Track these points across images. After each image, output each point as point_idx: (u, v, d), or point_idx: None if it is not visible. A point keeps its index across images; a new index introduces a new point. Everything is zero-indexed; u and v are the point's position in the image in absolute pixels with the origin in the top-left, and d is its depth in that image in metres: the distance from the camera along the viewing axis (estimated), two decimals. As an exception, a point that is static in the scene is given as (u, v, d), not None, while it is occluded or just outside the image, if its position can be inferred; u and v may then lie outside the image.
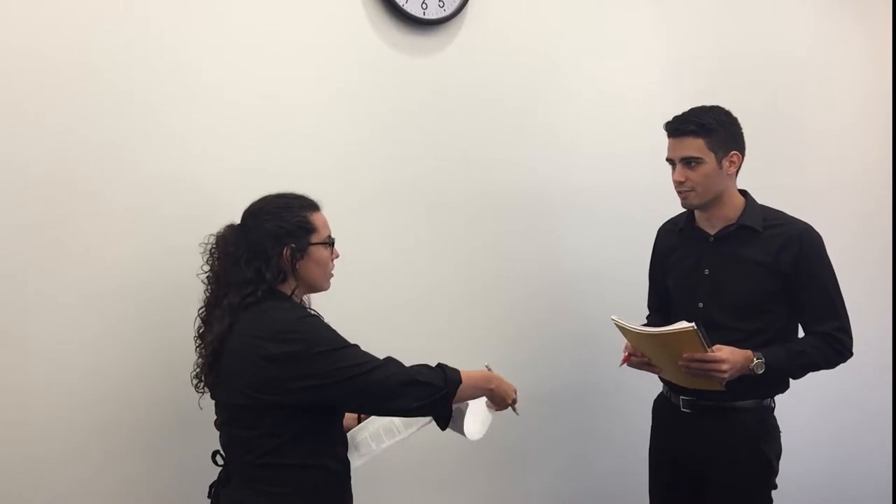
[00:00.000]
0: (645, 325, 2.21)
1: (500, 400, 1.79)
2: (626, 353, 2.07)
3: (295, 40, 2.11)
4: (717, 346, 1.90)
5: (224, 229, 1.70)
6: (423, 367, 1.65)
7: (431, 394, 1.61)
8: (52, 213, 1.82)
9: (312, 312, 1.71)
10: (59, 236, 1.83)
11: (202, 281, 1.71)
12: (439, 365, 1.67)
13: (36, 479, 1.81)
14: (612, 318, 1.98)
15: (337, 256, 1.75)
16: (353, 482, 1.73)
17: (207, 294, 1.70)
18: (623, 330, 1.99)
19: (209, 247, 1.70)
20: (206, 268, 1.70)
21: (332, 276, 1.75)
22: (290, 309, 1.62)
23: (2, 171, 1.77)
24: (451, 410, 1.69)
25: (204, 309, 1.71)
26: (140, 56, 1.91)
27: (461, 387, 1.65)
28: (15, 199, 1.78)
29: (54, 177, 1.82)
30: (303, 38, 2.13)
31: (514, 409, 1.83)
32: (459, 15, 2.31)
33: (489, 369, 1.81)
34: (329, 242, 1.71)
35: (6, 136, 1.77)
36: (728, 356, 1.89)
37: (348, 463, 1.73)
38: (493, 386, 1.76)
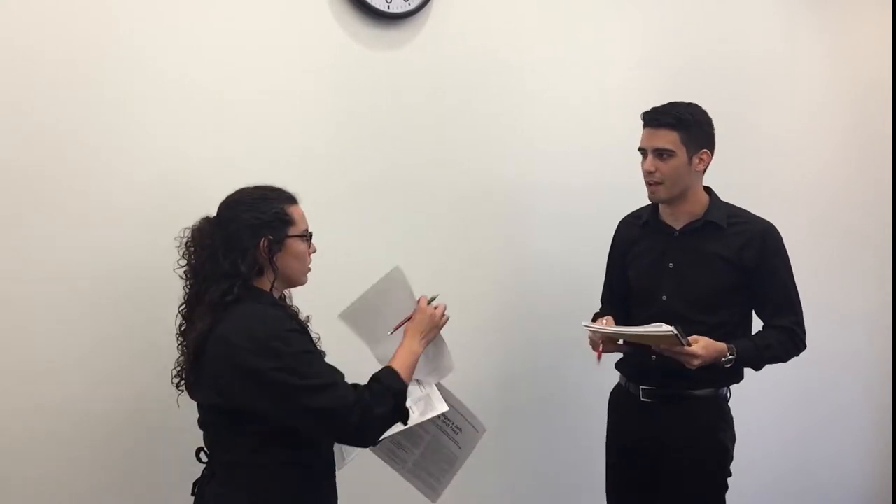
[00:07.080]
0: (594, 321, 2.22)
1: (436, 326, 1.78)
2: (600, 348, 2.05)
3: (255, 37, 2.06)
4: (695, 336, 1.96)
5: (200, 222, 1.65)
6: (377, 389, 1.61)
7: (394, 416, 1.63)
8: (31, 209, 1.81)
9: (294, 311, 1.68)
10: (43, 233, 1.82)
11: (180, 276, 1.65)
12: (376, 381, 1.63)
13: (12, 470, 1.80)
14: (583, 324, 2.02)
15: (314, 251, 1.72)
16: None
17: (187, 290, 1.65)
18: (596, 333, 2.01)
19: (185, 240, 1.65)
20: (183, 262, 1.64)
21: (309, 269, 1.71)
22: (273, 319, 1.56)
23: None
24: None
25: (185, 305, 1.65)
26: (110, 54, 1.88)
27: (406, 374, 1.67)
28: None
29: (31, 173, 1.80)
30: (264, 31, 2.07)
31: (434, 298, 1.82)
32: (424, 9, 2.29)
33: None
34: (307, 236, 1.68)
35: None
36: (702, 353, 1.94)
37: (333, 461, 1.71)
38: (424, 338, 1.75)
